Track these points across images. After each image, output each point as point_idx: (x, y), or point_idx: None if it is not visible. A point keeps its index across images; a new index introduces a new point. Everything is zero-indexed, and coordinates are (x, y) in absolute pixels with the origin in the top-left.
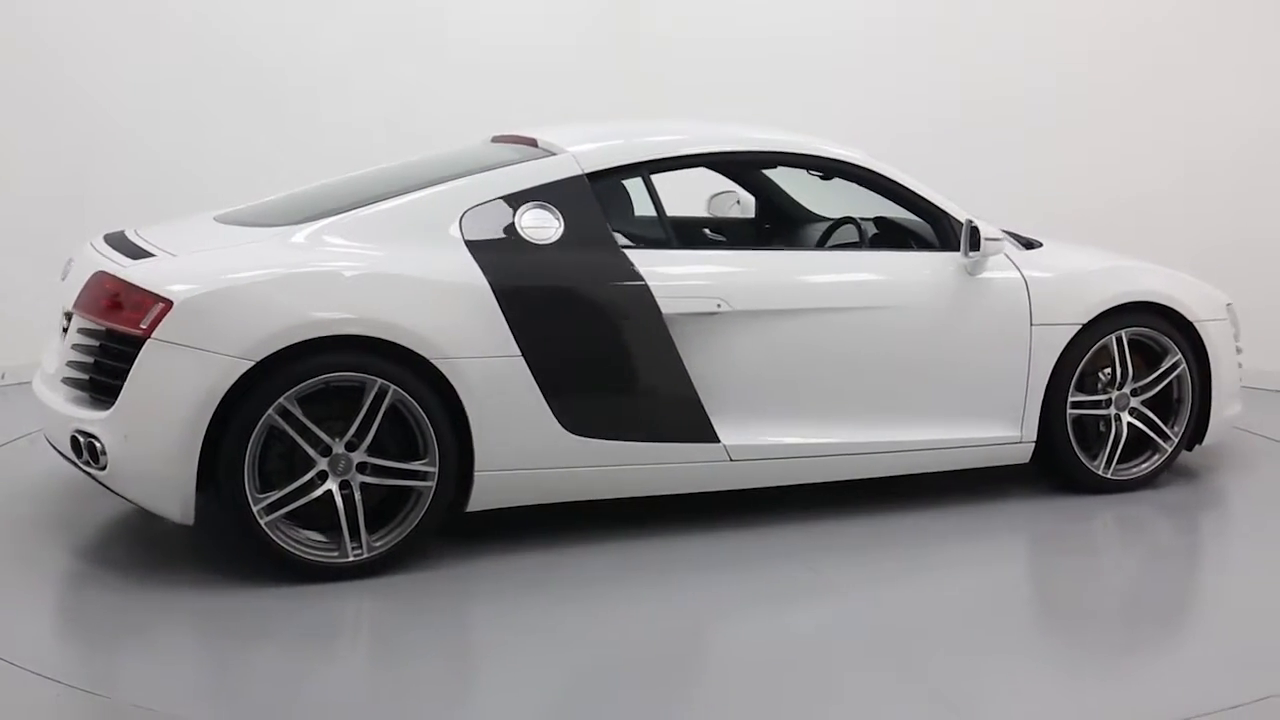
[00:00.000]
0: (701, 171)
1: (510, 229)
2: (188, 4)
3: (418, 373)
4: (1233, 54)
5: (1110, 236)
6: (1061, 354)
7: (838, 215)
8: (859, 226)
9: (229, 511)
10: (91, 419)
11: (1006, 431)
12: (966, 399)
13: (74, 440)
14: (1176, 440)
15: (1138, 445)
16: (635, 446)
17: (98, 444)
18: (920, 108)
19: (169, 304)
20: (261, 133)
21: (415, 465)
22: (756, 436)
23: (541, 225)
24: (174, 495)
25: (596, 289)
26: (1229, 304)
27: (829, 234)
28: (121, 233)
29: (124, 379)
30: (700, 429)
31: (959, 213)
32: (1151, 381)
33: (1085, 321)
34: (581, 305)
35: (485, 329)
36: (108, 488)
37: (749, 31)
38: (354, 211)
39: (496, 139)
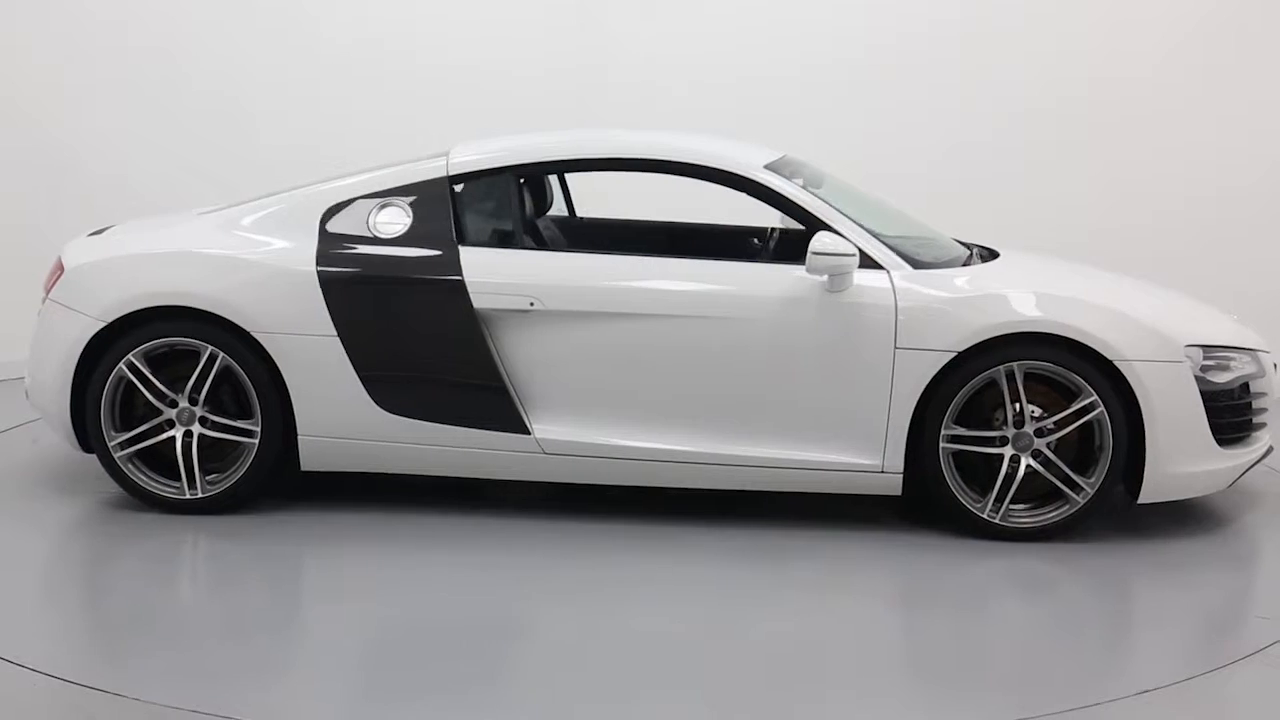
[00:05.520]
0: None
1: (363, 224)
2: (163, 24)
3: (247, 344)
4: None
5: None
6: (932, 383)
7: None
8: (769, 236)
9: (94, 446)
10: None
11: (865, 459)
12: (815, 420)
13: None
14: (1092, 491)
15: (1057, 491)
16: (444, 429)
17: (25, 383)
18: (918, 134)
19: (62, 271)
20: (229, 146)
21: (242, 423)
22: (572, 433)
23: (391, 222)
24: (60, 426)
25: (414, 281)
26: (1223, 346)
27: (765, 243)
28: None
29: None
30: (510, 419)
31: (846, 226)
32: (1058, 423)
33: (960, 350)
34: (397, 295)
35: (306, 311)
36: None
37: (744, 57)
38: (251, 203)
39: None
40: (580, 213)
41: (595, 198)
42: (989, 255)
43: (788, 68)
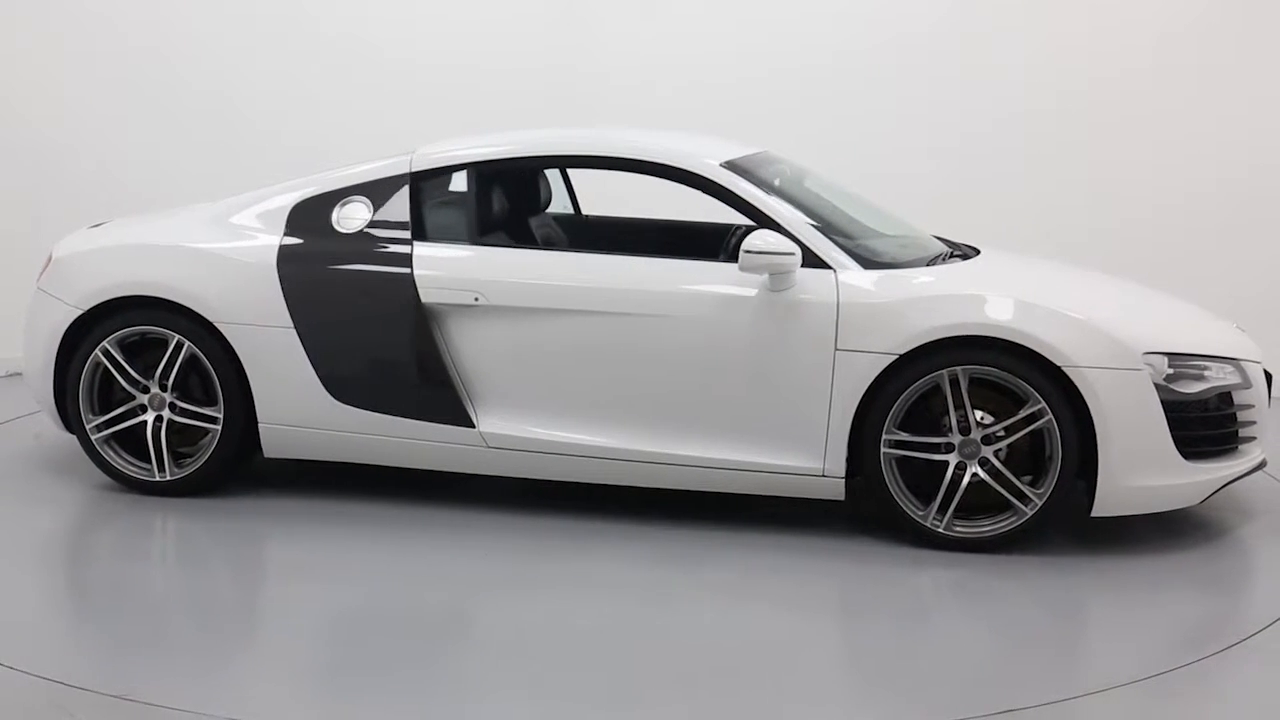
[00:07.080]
0: None
1: (327, 220)
2: (161, 24)
3: (211, 334)
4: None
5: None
6: (873, 386)
7: (881, 227)
8: (730, 235)
9: (74, 428)
10: None
11: (806, 462)
12: (757, 420)
13: None
14: (1040, 503)
15: (1006, 501)
16: (394, 421)
17: (23, 367)
18: (917, 134)
19: (50, 261)
20: (228, 147)
21: (208, 410)
22: (516, 428)
23: (353, 217)
24: (45, 407)
25: (365, 274)
26: (1195, 355)
27: (735, 243)
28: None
29: None
30: (456, 413)
31: (795, 224)
32: (1007, 430)
33: (902, 353)
34: (349, 288)
35: (265, 302)
36: None
37: (743, 55)
38: (239, 198)
39: None
40: (599, 211)
41: (600, 197)
42: (969, 255)
43: (786, 66)
